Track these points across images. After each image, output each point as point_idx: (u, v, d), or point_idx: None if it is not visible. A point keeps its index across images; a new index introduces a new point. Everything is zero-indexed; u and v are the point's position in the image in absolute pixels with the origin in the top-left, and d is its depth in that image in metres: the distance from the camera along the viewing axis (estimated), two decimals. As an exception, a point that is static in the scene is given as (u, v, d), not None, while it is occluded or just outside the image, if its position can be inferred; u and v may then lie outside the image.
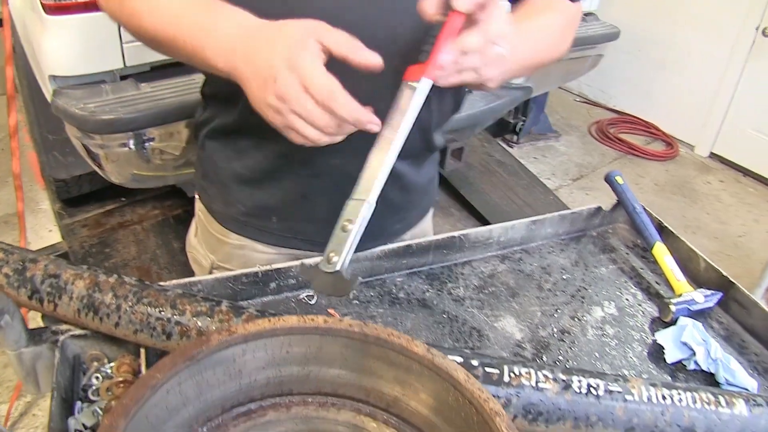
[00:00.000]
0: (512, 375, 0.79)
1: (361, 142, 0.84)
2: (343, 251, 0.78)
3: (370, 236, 1.22)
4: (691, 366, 1.10)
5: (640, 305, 1.24)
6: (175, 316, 0.87)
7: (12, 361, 0.96)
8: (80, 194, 2.88)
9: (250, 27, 0.83)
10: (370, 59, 0.79)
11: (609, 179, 1.45)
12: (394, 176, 1.16)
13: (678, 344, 1.12)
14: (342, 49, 0.78)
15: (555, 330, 1.16)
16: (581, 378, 0.81)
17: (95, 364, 0.95)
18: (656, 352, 1.13)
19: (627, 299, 1.25)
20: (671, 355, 1.10)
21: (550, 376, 0.81)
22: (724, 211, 4.28)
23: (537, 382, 0.80)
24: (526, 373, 0.80)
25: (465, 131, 2.88)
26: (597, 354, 1.11)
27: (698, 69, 4.76)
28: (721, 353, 1.09)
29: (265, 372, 0.75)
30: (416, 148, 1.17)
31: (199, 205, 1.31)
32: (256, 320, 0.70)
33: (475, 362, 0.80)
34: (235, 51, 0.83)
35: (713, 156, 4.85)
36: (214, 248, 1.28)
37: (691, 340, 1.11)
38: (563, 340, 1.14)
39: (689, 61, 4.80)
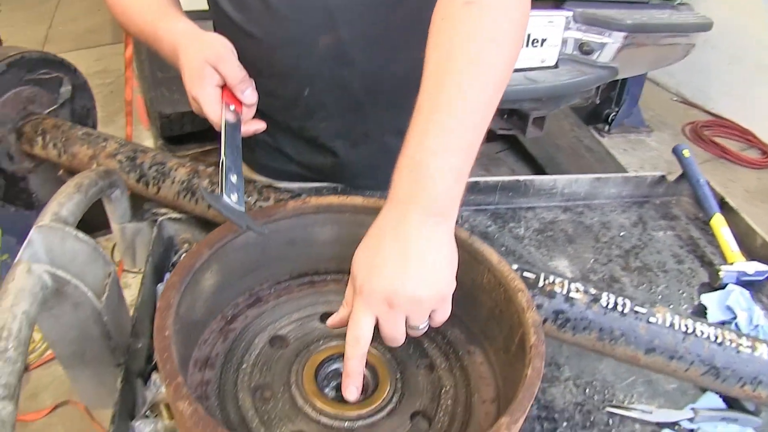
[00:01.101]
0: (546, 282, 0.87)
1: (337, 106, 1.17)
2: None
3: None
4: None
5: (691, 270, 1.28)
6: (259, 202, 0.99)
7: (115, 234, 1.11)
8: (182, 133, 3.03)
9: (177, 46, 0.96)
10: (248, 98, 0.94)
11: (676, 151, 1.49)
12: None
13: (722, 307, 1.16)
14: (230, 82, 0.92)
15: (605, 276, 1.23)
16: (610, 295, 0.88)
17: (186, 245, 1.09)
18: (700, 312, 1.17)
19: (680, 262, 1.30)
20: (713, 316, 1.15)
21: (581, 288, 0.88)
22: (816, 228, 4.11)
23: (568, 292, 0.87)
24: (560, 282, 0.88)
25: (548, 102, 2.92)
26: (642, 305, 1.17)
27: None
28: (763, 320, 1.12)
29: (331, 248, 0.86)
30: None
31: None
32: (327, 196, 0.81)
33: (515, 266, 0.88)
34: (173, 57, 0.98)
35: (811, 170, 4.65)
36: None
37: (736, 304, 1.15)
38: (612, 287, 1.20)
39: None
